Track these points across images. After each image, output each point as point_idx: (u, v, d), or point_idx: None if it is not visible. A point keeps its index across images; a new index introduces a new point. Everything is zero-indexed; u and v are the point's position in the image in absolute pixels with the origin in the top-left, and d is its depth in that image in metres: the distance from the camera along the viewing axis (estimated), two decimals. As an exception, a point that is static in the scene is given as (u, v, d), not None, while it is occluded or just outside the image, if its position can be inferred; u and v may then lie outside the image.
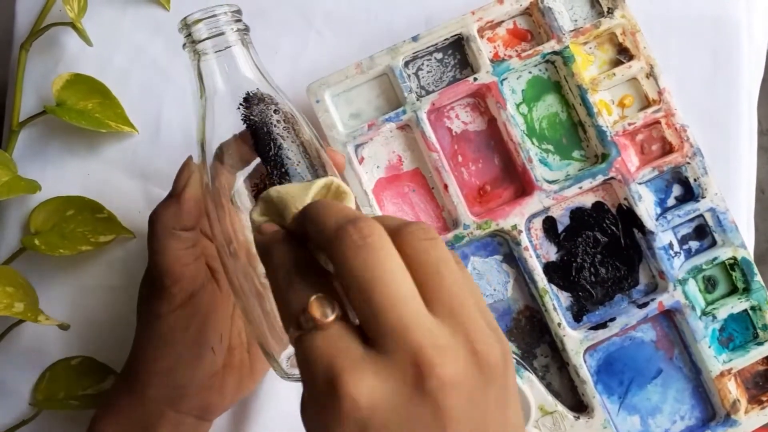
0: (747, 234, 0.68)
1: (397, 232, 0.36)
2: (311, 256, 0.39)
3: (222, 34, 0.48)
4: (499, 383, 0.35)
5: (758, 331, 0.64)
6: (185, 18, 0.48)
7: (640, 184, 0.63)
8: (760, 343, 0.63)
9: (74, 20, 0.64)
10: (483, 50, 0.63)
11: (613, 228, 0.64)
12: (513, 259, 0.64)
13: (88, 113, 0.66)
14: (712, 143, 0.66)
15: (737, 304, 0.63)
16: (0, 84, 0.70)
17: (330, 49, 0.68)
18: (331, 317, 0.35)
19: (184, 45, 0.49)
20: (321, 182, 0.42)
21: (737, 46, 0.68)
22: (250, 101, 0.48)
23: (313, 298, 0.35)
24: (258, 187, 0.47)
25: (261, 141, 0.47)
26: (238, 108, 0.48)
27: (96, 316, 0.66)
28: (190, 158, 0.53)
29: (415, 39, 0.63)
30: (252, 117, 0.48)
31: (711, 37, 0.68)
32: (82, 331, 0.66)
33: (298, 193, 0.41)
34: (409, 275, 0.35)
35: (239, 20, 0.50)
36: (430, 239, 0.36)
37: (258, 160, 0.47)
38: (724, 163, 0.67)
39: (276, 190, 0.42)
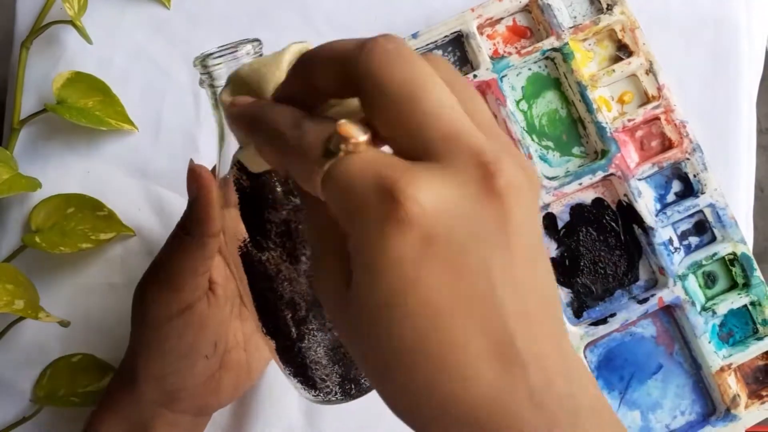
0: (746, 232, 0.68)
1: (423, 56, 0.32)
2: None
3: None
4: (537, 206, 0.33)
5: (758, 326, 0.64)
6: (204, 56, 0.43)
7: (639, 180, 0.64)
8: (760, 338, 0.64)
9: (74, 18, 0.64)
10: (483, 47, 0.63)
11: (613, 224, 0.64)
12: (513, 255, 0.64)
13: (89, 111, 0.66)
14: (712, 142, 0.66)
15: (737, 300, 0.64)
16: (1, 82, 0.70)
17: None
18: (366, 137, 0.31)
19: (202, 82, 0.44)
20: (296, 47, 0.38)
21: (737, 46, 0.68)
22: None
23: (340, 122, 0.31)
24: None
25: None
26: None
27: (96, 314, 0.66)
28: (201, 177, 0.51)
29: (414, 36, 0.63)
30: None
31: (711, 37, 0.68)
32: (83, 328, 0.66)
33: (272, 62, 0.37)
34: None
35: (261, 55, 0.44)
36: (455, 70, 0.33)
37: None
38: (723, 161, 0.67)
39: (247, 65, 0.38)
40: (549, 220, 0.64)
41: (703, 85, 0.68)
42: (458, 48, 0.65)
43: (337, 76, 0.32)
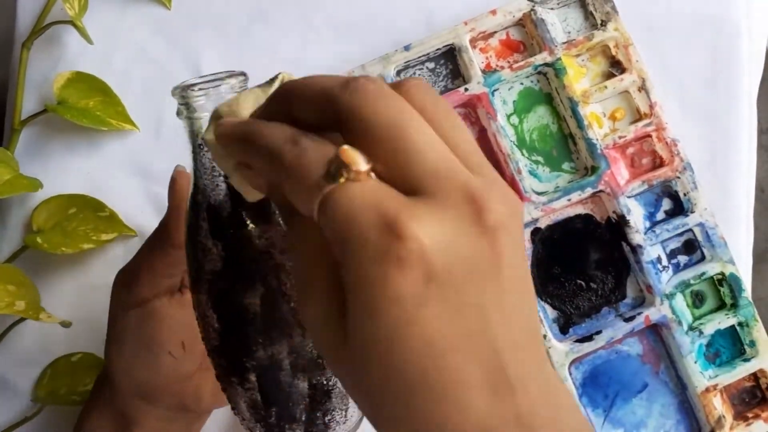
0: (747, 233, 0.67)
1: (398, 86, 0.33)
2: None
3: None
4: (522, 234, 0.34)
5: (745, 347, 0.64)
6: (184, 87, 0.41)
7: (629, 197, 0.63)
8: (747, 360, 0.63)
9: (74, 18, 0.64)
10: (474, 61, 0.63)
11: (602, 241, 0.64)
12: (500, 269, 0.64)
13: (90, 111, 0.66)
14: (712, 143, 0.66)
15: (724, 320, 0.63)
16: (1, 82, 0.71)
17: (330, 51, 0.68)
18: (367, 166, 0.31)
19: (180, 113, 0.43)
20: (276, 83, 0.37)
21: (737, 46, 0.68)
22: None
23: (342, 146, 0.31)
24: None
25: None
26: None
27: (98, 314, 0.66)
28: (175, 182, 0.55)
29: (407, 48, 0.63)
30: None
31: (711, 37, 0.68)
32: (84, 328, 0.66)
33: (262, 94, 0.37)
34: None
35: (245, 88, 0.42)
36: (435, 94, 0.34)
37: None
38: (724, 162, 0.67)
39: (225, 104, 0.36)
40: (537, 235, 0.64)
41: (703, 85, 0.67)
42: (450, 61, 0.65)
43: (318, 111, 0.33)
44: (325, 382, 0.44)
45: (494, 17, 0.64)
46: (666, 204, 0.65)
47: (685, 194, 0.64)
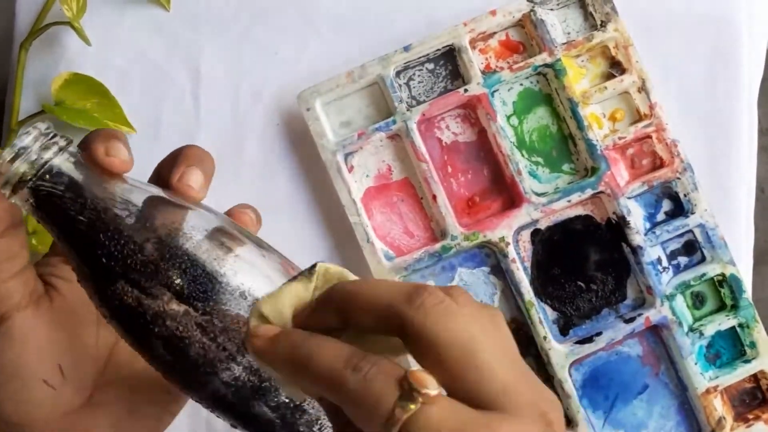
0: (747, 233, 0.67)
1: (449, 294, 0.33)
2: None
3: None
4: None
5: (746, 348, 0.64)
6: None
7: (629, 198, 0.63)
8: (747, 361, 0.63)
9: (72, 20, 0.64)
10: (474, 61, 0.63)
11: (602, 242, 0.64)
12: (500, 271, 0.64)
13: (87, 113, 0.66)
14: (712, 143, 0.66)
15: (725, 321, 0.63)
16: (0, 83, 0.70)
17: (330, 52, 0.68)
18: (438, 389, 0.30)
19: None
20: (314, 276, 0.35)
21: (737, 46, 0.67)
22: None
23: (410, 370, 0.31)
24: None
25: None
26: None
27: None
28: None
29: (406, 49, 0.63)
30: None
31: (711, 37, 0.67)
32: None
33: (303, 288, 0.35)
34: None
35: (52, 136, 0.41)
36: (477, 304, 0.34)
37: None
38: (724, 162, 0.67)
39: (266, 301, 0.35)
40: (537, 236, 0.64)
41: (704, 85, 0.67)
42: (450, 62, 0.65)
43: (380, 323, 0.33)
44: (287, 400, 0.42)
45: (494, 18, 0.63)
46: (666, 205, 0.64)
47: (685, 195, 0.63)
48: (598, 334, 0.63)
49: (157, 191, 0.43)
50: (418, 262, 0.63)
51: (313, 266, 0.35)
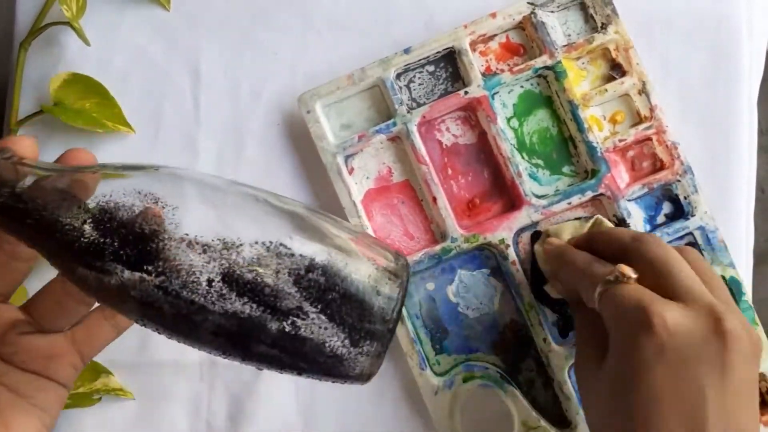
0: (747, 234, 0.68)
1: (680, 248, 0.53)
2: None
3: None
4: (757, 361, 0.47)
5: (745, 351, 0.64)
6: None
7: (629, 200, 0.63)
8: (747, 363, 0.63)
9: (71, 20, 0.64)
10: (474, 64, 0.63)
11: (602, 244, 0.64)
12: (500, 272, 0.64)
13: (86, 113, 0.66)
14: (712, 143, 0.67)
15: (724, 324, 0.63)
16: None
17: (330, 53, 0.68)
18: (635, 275, 0.49)
19: None
20: (589, 222, 0.61)
21: (737, 46, 0.68)
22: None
23: (620, 264, 0.50)
24: None
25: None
26: None
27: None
28: None
29: (407, 51, 0.63)
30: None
31: (711, 37, 0.68)
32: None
33: (579, 225, 0.61)
34: None
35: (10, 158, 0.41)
36: (702, 258, 0.52)
37: None
38: (724, 162, 0.67)
39: (553, 229, 0.62)
40: (537, 239, 0.64)
41: (703, 85, 0.67)
42: (450, 64, 0.65)
43: (613, 250, 0.53)
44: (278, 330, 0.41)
45: (494, 20, 0.63)
46: (666, 207, 0.64)
47: (685, 197, 0.63)
48: (598, 336, 0.63)
49: (72, 171, 0.42)
50: (418, 263, 0.63)
51: (591, 217, 0.63)
